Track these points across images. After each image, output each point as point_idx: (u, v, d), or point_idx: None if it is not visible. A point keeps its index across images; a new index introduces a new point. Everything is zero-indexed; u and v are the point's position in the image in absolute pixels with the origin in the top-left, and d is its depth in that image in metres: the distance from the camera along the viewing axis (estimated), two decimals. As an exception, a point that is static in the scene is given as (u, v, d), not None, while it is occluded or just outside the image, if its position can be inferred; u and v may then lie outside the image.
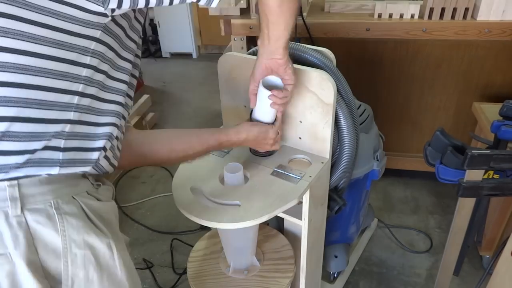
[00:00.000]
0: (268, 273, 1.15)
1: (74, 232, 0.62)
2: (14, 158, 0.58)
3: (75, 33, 0.60)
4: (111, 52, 0.67)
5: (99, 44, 0.64)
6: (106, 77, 0.68)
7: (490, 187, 1.03)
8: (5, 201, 0.58)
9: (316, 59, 1.05)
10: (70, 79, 0.61)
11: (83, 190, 0.67)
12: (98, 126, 0.68)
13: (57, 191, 0.62)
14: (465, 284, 1.59)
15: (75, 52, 0.61)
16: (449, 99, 1.86)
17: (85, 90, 0.64)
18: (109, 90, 0.69)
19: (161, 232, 1.91)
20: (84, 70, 0.63)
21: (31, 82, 0.58)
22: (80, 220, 0.64)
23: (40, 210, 0.60)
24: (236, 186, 0.98)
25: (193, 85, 3.54)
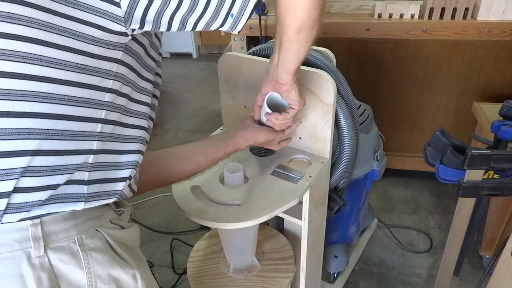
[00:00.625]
0: (268, 273, 1.15)
1: (99, 267, 0.59)
2: (36, 195, 0.54)
3: (97, 55, 0.57)
4: (133, 74, 0.64)
5: (121, 66, 0.60)
6: (129, 100, 0.64)
7: (490, 187, 1.03)
8: (27, 242, 0.53)
9: (316, 59, 1.05)
10: (93, 105, 0.57)
11: (106, 220, 0.63)
12: (122, 154, 0.64)
13: (81, 225, 0.59)
14: (465, 284, 1.59)
15: (97, 76, 0.57)
16: (449, 99, 1.86)
17: (108, 116, 0.60)
18: (132, 114, 0.65)
19: (161, 232, 1.91)
20: (106, 95, 0.59)
21: (53, 111, 0.53)
22: (104, 254, 0.60)
23: (63, 248, 0.56)
24: (236, 186, 0.98)
25: (193, 85, 3.54)
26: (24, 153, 0.52)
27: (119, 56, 0.59)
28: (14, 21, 0.50)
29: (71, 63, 0.54)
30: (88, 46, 0.55)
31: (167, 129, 2.82)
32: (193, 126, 2.86)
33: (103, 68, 0.57)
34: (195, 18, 0.60)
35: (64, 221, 0.57)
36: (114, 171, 0.62)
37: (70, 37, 0.53)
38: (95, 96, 0.57)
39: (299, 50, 0.72)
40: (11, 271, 0.53)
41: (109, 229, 0.63)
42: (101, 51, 0.57)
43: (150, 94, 0.70)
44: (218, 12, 0.60)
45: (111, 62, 0.58)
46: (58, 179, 0.55)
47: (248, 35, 1.72)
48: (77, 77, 0.55)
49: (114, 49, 0.58)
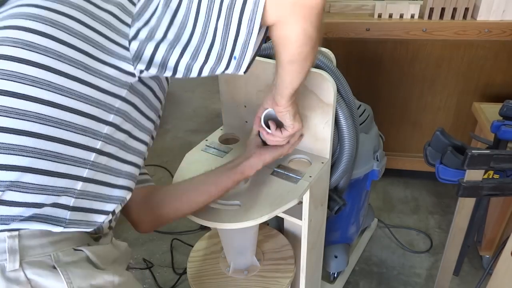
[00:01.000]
0: (268, 273, 1.15)
1: (81, 280, 0.58)
2: (19, 209, 0.56)
3: (103, 89, 0.60)
4: (137, 113, 0.66)
5: (124, 103, 0.63)
6: (129, 136, 0.66)
7: (490, 187, 1.03)
8: (2, 254, 0.54)
9: (316, 59, 1.05)
10: (90, 134, 0.60)
11: (84, 243, 0.63)
12: (114, 188, 0.65)
13: (58, 243, 0.59)
14: (465, 284, 1.59)
15: (99, 108, 0.60)
16: (449, 99, 1.86)
17: (104, 148, 0.62)
18: (130, 151, 0.67)
19: (161, 232, 1.91)
20: (105, 128, 0.61)
21: (50, 133, 0.56)
22: (83, 268, 0.60)
23: (40, 263, 0.56)
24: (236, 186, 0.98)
25: (193, 85, 3.54)
26: (14, 168, 0.54)
27: (124, 94, 0.63)
28: (31, 49, 0.55)
29: (76, 92, 0.58)
30: (96, 80, 0.59)
31: (167, 129, 2.82)
32: (193, 126, 2.86)
33: (106, 102, 0.61)
34: (199, 65, 0.63)
35: (41, 237, 0.57)
36: (101, 203, 0.64)
37: (79, 68, 0.58)
38: (93, 126, 0.60)
39: (292, 80, 0.74)
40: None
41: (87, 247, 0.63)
42: (107, 86, 0.60)
43: (149, 134, 0.72)
44: (221, 58, 0.63)
45: (115, 98, 0.62)
46: (43, 199, 0.57)
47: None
48: (79, 106, 0.58)
49: (119, 86, 0.62)
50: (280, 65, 0.71)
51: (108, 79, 0.60)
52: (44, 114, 0.56)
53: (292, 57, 0.68)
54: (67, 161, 0.58)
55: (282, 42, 0.66)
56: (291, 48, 0.66)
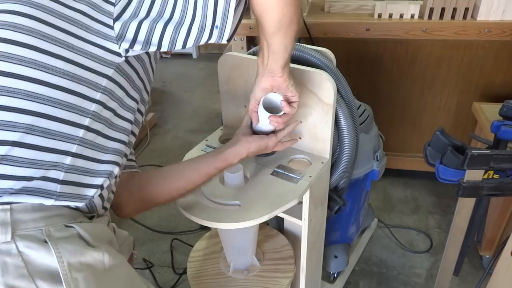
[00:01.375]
0: (268, 273, 1.15)
1: (71, 256, 0.59)
2: (9, 183, 0.57)
3: (89, 68, 0.62)
4: (121, 91, 0.68)
5: (111, 82, 0.65)
6: (114, 115, 0.68)
7: (490, 187, 1.03)
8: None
9: (316, 59, 1.05)
10: (78, 112, 0.62)
11: (76, 221, 0.64)
12: (101, 163, 0.67)
13: (49, 219, 0.60)
14: (465, 284, 1.59)
15: (86, 87, 0.62)
16: (449, 99, 1.86)
17: (92, 125, 0.64)
18: (115, 128, 0.69)
19: (161, 232, 1.91)
20: (93, 105, 0.63)
21: (39, 110, 0.58)
22: (74, 244, 0.61)
23: (31, 237, 0.57)
24: (236, 186, 0.98)
25: (193, 85, 3.54)
26: (4, 143, 0.57)
27: (110, 73, 0.65)
28: (17, 30, 0.58)
29: (63, 70, 0.60)
30: (82, 59, 0.62)
31: (167, 129, 2.82)
32: (193, 126, 2.86)
33: (93, 81, 0.63)
34: (183, 38, 0.65)
35: (33, 211, 0.59)
36: (89, 177, 0.65)
37: (65, 48, 0.60)
38: (81, 104, 0.62)
39: (286, 46, 0.75)
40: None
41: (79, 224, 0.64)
42: (93, 65, 0.63)
43: (133, 111, 0.74)
44: (203, 29, 0.65)
45: (101, 77, 0.64)
46: (32, 172, 0.59)
47: (248, 35, 1.72)
48: (67, 84, 0.60)
49: (106, 65, 0.64)
50: (268, 36, 0.72)
51: (94, 58, 0.62)
52: (32, 92, 0.58)
53: (277, 23, 0.69)
54: (56, 136, 0.60)
55: (264, 9, 0.67)
56: (274, 14, 0.67)
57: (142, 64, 0.73)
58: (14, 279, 0.54)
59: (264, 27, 0.71)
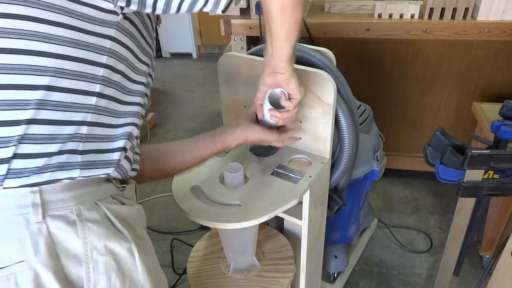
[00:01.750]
0: (268, 273, 1.15)
1: (96, 238, 0.61)
2: (34, 161, 0.58)
3: (90, 31, 0.60)
4: (128, 53, 0.66)
5: (115, 43, 0.63)
6: (124, 77, 0.66)
7: (490, 187, 1.03)
8: (26, 208, 0.57)
9: (316, 59, 1.05)
10: (87, 79, 0.60)
11: (107, 194, 0.65)
12: (117, 128, 0.66)
13: (79, 197, 0.61)
14: (465, 284, 1.59)
15: (91, 51, 0.60)
16: (449, 99, 1.86)
17: (103, 91, 0.63)
18: (128, 92, 0.68)
19: (161, 232, 1.91)
20: (101, 70, 0.62)
21: (46, 83, 0.57)
22: (101, 227, 0.62)
23: (61, 217, 0.59)
24: (236, 186, 0.98)
25: (193, 85, 3.54)
26: (19, 122, 0.56)
27: (113, 34, 0.62)
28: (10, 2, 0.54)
29: (65, 38, 0.57)
30: (81, 23, 0.59)
31: (168, 129, 2.82)
32: (193, 126, 2.86)
33: (97, 44, 0.61)
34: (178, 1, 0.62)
35: (62, 191, 0.59)
36: (108, 143, 0.65)
37: (62, 13, 0.57)
38: (89, 70, 0.60)
39: (289, 33, 0.73)
40: (10, 234, 0.56)
41: (109, 203, 0.65)
42: (94, 28, 0.60)
43: (146, 75, 0.72)
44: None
45: (105, 39, 0.61)
46: (53, 148, 0.59)
47: (248, 35, 1.72)
48: (71, 51, 0.58)
49: (107, 26, 0.61)
50: (273, 22, 0.71)
51: (93, 20, 0.60)
52: (38, 65, 0.56)
53: (282, 4, 0.68)
54: (70, 108, 0.59)
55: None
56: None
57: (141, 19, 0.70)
58: (45, 258, 0.57)
59: (269, 12, 0.70)
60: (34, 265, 0.57)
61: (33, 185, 0.57)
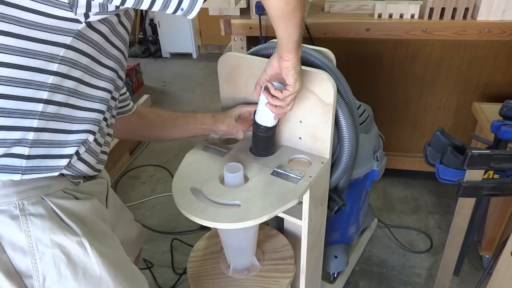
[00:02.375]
0: (268, 273, 1.15)
1: (40, 232, 0.63)
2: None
3: (41, 39, 0.59)
4: (86, 59, 0.65)
5: (70, 50, 0.62)
6: (80, 83, 0.66)
7: (490, 187, 1.03)
8: None
9: (316, 59, 1.05)
10: (34, 86, 0.60)
11: (57, 189, 0.66)
12: (70, 134, 0.66)
13: (23, 193, 0.62)
14: (465, 284, 1.59)
15: (40, 60, 0.59)
16: (449, 99, 1.86)
17: (52, 97, 0.62)
18: (85, 97, 0.67)
19: (161, 232, 1.91)
20: (50, 78, 0.61)
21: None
22: (46, 221, 0.64)
23: (4, 211, 0.61)
24: (236, 186, 0.98)
25: (193, 85, 3.54)
26: None
27: (68, 42, 0.61)
28: None
29: (11, 46, 0.57)
30: (31, 31, 0.58)
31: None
32: (193, 126, 2.86)
33: (48, 52, 0.60)
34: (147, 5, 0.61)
35: (4, 187, 0.61)
36: (59, 148, 0.66)
37: (11, 23, 0.56)
38: (36, 78, 0.60)
39: (290, 33, 0.75)
40: None
41: (59, 198, 0.66)
42: (46, 36, 0.59)
43: (111, 80, 0.71)
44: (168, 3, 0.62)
45: (58, 47, 0.60)
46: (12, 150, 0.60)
47: (248, 35, 1.72)
48: (17, 60, 0.58)
49: (62, 34, 0.60)
50: (274, 23, 0.74)
51: (47, 29, 0.58)
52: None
53: (280, 11, 0.70)
54: (15, 114, 0.59)
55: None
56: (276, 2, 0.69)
57: (110, 26, 0.68)
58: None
59: (270, 15, 0.72)
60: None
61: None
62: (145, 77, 3.54)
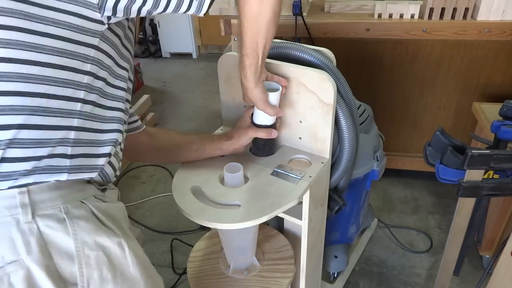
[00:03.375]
0: (268, 273, 1.15)
1: (86, 234, 0.63)
2: (22, 164, 0.60)
3: (76, 40, 0.62)
4: (109, 60, 0.69)
5: (98, 51, 0.66)
6: (106, 84, 0.69)
7: (490, 187, 1.03)
8: (16, 208, 0.58)
9: (316, 59, 1.05)
10: (73, 86, 0.63)
11: (90, 194, 0.68)
12: (103, 133, 0.70)
13: (66, 196, 0.63)
14: (465, 284, 1.59)
15: (76, 60, 0.63)
16: (449, 99, 1.86)
17: (87, 97, 0.65)
18: (110, 97, 0.71)
19: (161, 232, 1.91)
20: (85, 77, 0.64)
21: (34, 90, 0.59)
22: (89, 223, 0.64)
23: (50, 215, 0.61)
24: (236, 186, 0.98)
25: (193, 85, 3.54)
26: (10, 127, 0.59)
27: (96, 43, 0.65)
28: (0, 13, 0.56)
29: (50, 47, 0.60)
30: (67, 32, 0.61)
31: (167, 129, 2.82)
32: (193, 126, 2.86)
33: (82, 53, 0.63)
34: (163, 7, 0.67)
35: (49, 191, 0.62)
36: (95, 148, 0.69)
37: (49, 24, 0.60)
38: (74, 78, 0.63)
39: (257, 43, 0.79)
40: (1, 235, 0.58)
41: (93, 201, 0.68)
42: (79, 37, 0.62)
43: (125, 80, 0.75)
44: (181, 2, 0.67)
45: (89, 48, 0.64)
46: (42, 152, 0.61)
47: (248, 35, 1.72)
48: (57, 60, 0.61)
49: (91, 35, 0.64)
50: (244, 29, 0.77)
51: (79, 29, 0.62)
52: (25, 73, 0.58)
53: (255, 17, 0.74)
54: (57, 113, 0.62)
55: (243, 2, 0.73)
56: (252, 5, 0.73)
57: (123, 30, 0.73)
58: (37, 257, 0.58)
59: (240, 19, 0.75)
60: (27, 264, 0.58)
61: (21, 186, 0.60)
62: (145, 77, 3.54)
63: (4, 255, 0.57)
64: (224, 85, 1.16)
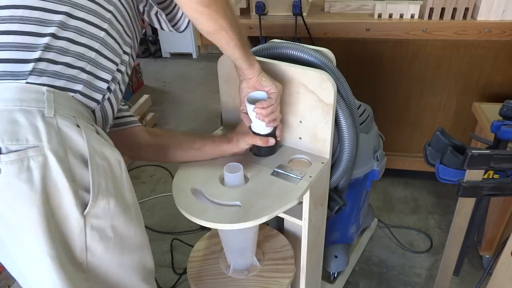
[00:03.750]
0: (268, 273, 1.15)
1: (96, 143, 0.69)
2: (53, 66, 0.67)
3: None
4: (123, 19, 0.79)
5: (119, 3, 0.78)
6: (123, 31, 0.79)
7: (490, 187, 1.03)
8: (42, 103, 0.65)
9: (316, 59, 1.05)
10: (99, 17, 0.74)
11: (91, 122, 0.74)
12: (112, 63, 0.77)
13: (79, 112, 0.70)
14: (465, 284, 1.59)
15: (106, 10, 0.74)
16: (449, 99, 1.86)
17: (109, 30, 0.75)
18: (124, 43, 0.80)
19: (161, 232, 1.91)
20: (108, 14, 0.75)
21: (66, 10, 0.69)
22: (97, 136, 0.71)
23: (68, 118, 0.67)
24: (236, 186, 0.98)
25: (193, 85, 3.54)
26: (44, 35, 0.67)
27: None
28: None
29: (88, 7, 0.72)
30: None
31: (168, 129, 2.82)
32: (193, 126, 2.86)
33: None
34: None
35: (67, 100, 0.69)
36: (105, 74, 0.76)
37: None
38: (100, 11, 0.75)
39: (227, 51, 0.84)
40: (29, 120, 0.63)
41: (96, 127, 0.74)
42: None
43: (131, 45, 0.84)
44: None
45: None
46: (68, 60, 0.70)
47: (248, 35, 1.72)
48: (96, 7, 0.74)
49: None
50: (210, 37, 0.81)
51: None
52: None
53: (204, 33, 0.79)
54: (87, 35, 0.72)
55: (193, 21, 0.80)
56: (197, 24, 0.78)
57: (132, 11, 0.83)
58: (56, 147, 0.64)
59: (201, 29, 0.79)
60: (45, 151, 0.63)
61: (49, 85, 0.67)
62: (145, 77, 3.54)
63: (28, 137, 0.62)
64: (224, 85, 1.16)
